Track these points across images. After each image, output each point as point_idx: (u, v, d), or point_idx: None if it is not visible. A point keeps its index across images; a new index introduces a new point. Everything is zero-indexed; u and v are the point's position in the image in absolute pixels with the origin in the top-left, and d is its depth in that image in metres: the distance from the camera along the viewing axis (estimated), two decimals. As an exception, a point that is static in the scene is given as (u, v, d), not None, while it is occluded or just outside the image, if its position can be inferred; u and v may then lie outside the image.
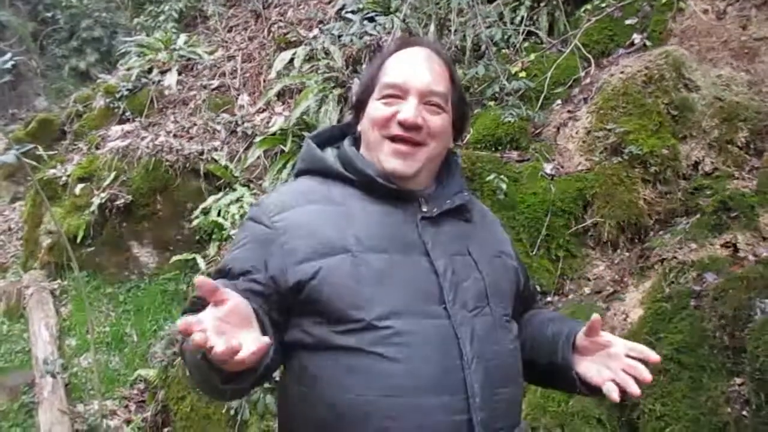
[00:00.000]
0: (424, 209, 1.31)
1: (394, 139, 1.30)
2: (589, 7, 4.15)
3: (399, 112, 1.30)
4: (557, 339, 1.35)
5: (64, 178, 5.29)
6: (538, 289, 3.04)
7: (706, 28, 3.58)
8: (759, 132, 3.12)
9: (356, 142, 1.41)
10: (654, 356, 1.24)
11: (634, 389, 1.21)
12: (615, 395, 1.21)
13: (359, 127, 1.40)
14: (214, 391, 1.12)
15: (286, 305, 1.23)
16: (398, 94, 1.31)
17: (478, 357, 1.20)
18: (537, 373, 1.42)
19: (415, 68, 1.33)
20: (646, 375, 1.22)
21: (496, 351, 1.24)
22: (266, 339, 1.00)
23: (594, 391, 1.28)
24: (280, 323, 1.22)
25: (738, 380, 2.31)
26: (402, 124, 1.29)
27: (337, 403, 1.17)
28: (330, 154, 1.40)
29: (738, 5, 3.59)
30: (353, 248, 1.22)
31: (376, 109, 1.33)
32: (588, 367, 1.29)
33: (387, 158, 1.31)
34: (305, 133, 4.80)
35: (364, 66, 4.87)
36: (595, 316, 1.26)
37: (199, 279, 1.00)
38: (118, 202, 4.86)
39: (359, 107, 1.40)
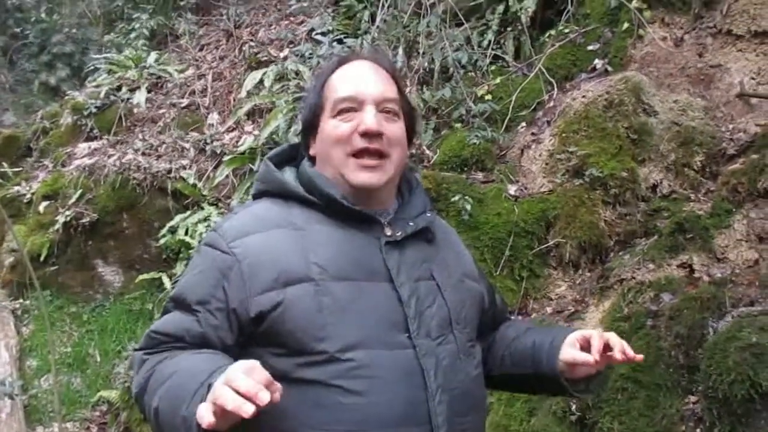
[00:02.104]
0: (388, 233, 1.28)
1: (357, 154, 1.28)
2: (553, 32, 4.25)
3: (359, 124, 1.27)
4: (540, 350, 1.36)
5: (28, 196, 5.22)
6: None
7: (665, 54, 3.69)
8: (714, 156, 3.21)
9: (314, 162, 1.37)
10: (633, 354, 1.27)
11: (618, 355, 1.24)
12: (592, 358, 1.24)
13: (312, 151, 1.37)
14: None
15: (244, 334, 1.20)
16: (353, 106, 1.29)
17: (442, 388, 1.20)
18: (521, 382, 1.45)
19: (365, 78, 1.32)
20: (628, 350, 1.25)
21: (460, 380, 1.24)
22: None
23: (585, 383, 1.33)
24: (235, 353, 1.19)
25: (692, 398, 2.36)
26: (366, 134, 1.27)
27: None
28: (289, 175, 1.36)
29: (695, 33, 3.71)
30: (316, 277, 1.20)
31: (334, 127, 1.30)
32: (573, 368, 1.32)
33: (355, 174, 1.28)
34: (274, 153, 4.81)
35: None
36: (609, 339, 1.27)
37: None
38: (83, 220, 4.80)
39: (310, 130, 1.37)
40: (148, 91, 5.77)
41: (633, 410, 2.42)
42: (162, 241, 4.71)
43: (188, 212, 4.77)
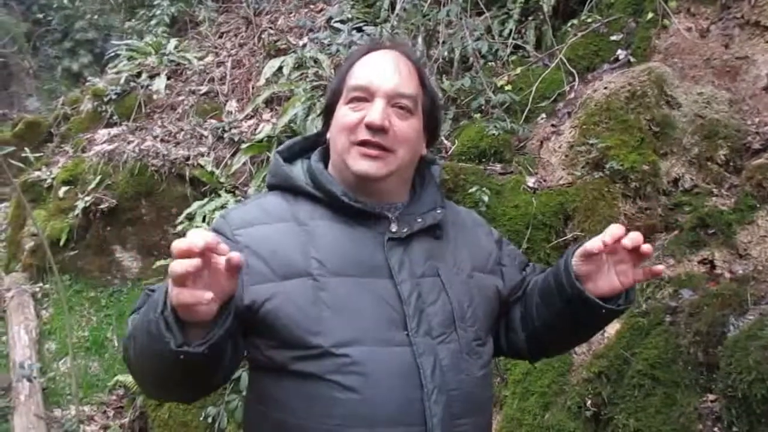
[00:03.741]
0: (393, 229, 1.27)
1: (362, 144, 1.26)
2: (575, 22, 4.18)
3: (366, 116, 1.26)
4: (558, 274, 1.31)
5: (48, 181, 5.28)
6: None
7: (690, 45, 3.61)
8: (738, 150, 3.14)
9: (326, 153, 1.36)
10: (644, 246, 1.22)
11: (652, 269, 1.25)
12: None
13: (328, 135, 1.35)
14: (163, 361, 1.04)
15: (242, 322, 1.19)
16: (364, 96, 1.28)
17: (439, 388, 1.18)
18: (560, 324, 1.36)
19: (381, 70, 1.29)
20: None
21: (461, 380, 1.22)
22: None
23: (622, 296, 1.27)
24: (236, 337, 1.19)
25: (711, 396, 2.31)
26: (369, 127, 1.25)
27: (295, 429, 1.16)
28: (299, 169, 1.35)
29: (721, 24, 3.63)
30: (315, 272, 1.20)
31: (343, 114, 1.29)
32: (597, 283, 1.26)
33: (355, 161, 1.26)
34: (292, 141, 4.81)
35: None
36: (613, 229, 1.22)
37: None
38: (102, 206, 4.85)
39: (328, 114, 1.36)
40: (168, 78, 5.80)
41: (650, 407, 2.38)
42: (179, 228, 4.73)
43: (206, 199, 4.79)
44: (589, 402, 2.54)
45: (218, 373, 1.15)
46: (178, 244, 0.95)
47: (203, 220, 4.73)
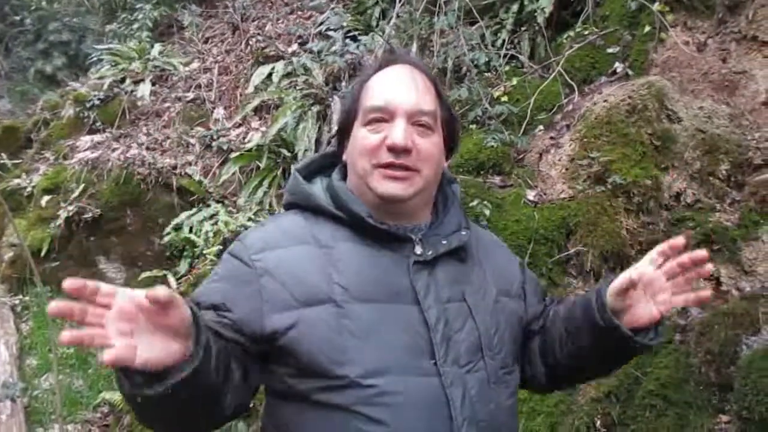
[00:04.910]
0: (418, 251, 1.22)
1: (386, 166, 1.21)
2: (571, 33, 4.17)
3: (387, 137, 1.21)
4: (589, 308, 1.24)
5: (29, 189, 5.12)
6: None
7: (687, 59, 3.61)
8: (740, 165, 3.14)
9: (345, 172, 1.32)
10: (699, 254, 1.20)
11: (699, 295, 1.21)
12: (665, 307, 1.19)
13: (345, 157, 1.31)
14: (139, 404, 0.97)
15: (259, 350, 1.15)
16: (384, 117, 1.22)
17: (468, 420, 1.13)
18: (586, 358, 1.30)
19: (399, 88, 1.24)
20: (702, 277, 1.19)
21: (490, 410, 1.17)
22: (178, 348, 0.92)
23: (655, 331, 1.22)
24: (248, 365, 1.14)
25: (724, 417, 2.29)
26: (392, 149, 1.20)
27: None
28: (319, 187, 1.30)
29: (718, 38, 3.64)
30: (338, 298, 1.14)
31: (363, 137, 1.23)
32: (634, 315, 1.20)
33: (380, 183, 1.21)
34: (282, 150, 4.73)
35: (344, 84, 4.82)
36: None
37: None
38: (85, 216, 4.71)
39: (343, 134, 1.31)
40: (153, 84, 5.68)
41: (662, 428, 2.35)
42: (166, 239, 4.62)
43: (194, 209, 4.68)
44: (598, 422, 2.50)
45: (219, 404, 1.08)
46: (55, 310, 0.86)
47: (191, 231, 4.62)
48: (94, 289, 0.88)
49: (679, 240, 1.19)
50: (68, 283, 0.86)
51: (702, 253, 1.19)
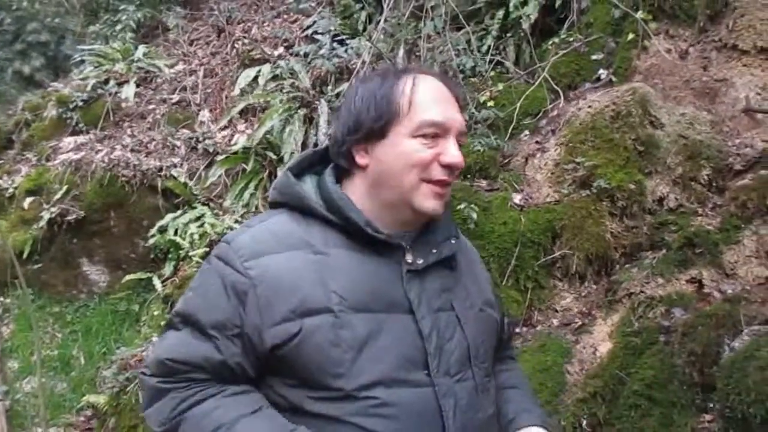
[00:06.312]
0: (409, 260, 1.22)
1: (438, 183, 1.21)
2: (556, 40, 4.23)
3: (440, 154, 1.20)
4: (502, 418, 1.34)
5: (10, 190, 5.05)
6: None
7: (670, 67, 3.68)
8: (721, 170, 3.21)
9: (338, 171, 1.28)
10: None
11: None
12: None
13: (363, 161, 1.24)
14: None
15: (260, 363, 1.16)
16: (439, 132, 1.21)
17: (461, 429, 1.16)
18: None
19: (451, 105, 1.24)
20: None
21: (478, 419, 1.21)
22: None
23: None
24: (252, 380, 1.17)
25: (707, 417, 2.34)
26: (450, 167, 1.20)
27: None
28: (309, 187, 1.27)
29: (699, 47, 3.72)
30: (335, 307, 1.14)
31: (416, 150, 1.20)
32: None
33: (426, 200, 1.20)
34: (268, 153, 4.73)
35: (330, 87, 4.84)
36: None
37: None
38: (69, 217, 4.66)
39: (370, 138, 1.23)
40: (137, 86, 5.63)
41: (647, 428, 2.39)
42: (151, 241, 4.59)
43: (179, 212, 4.66)
44: (584, 422, 2.54)
45: None
46: None
47: (176, 233, 4.59)
48: None
49: None
50: None
51: None
